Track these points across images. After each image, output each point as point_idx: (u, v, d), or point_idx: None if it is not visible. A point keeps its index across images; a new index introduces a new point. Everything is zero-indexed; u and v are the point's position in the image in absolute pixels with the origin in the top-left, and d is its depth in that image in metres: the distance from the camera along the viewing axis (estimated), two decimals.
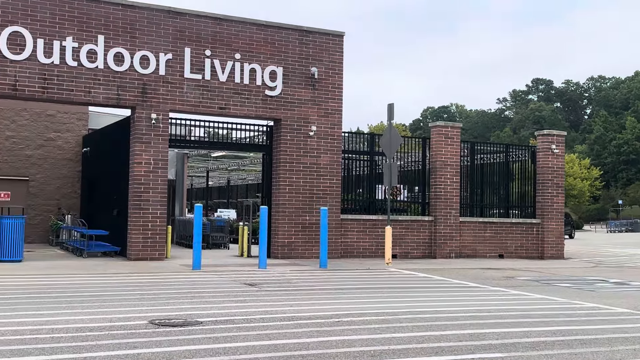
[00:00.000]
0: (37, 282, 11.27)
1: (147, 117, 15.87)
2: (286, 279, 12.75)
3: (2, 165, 21.22)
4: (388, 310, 9.02)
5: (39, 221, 21.84)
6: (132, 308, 8.76)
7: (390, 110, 16.68)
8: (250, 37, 17.04)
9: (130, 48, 15.69)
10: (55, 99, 15.22)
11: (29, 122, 21.85)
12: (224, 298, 9.89)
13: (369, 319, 8.33)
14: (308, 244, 17.59)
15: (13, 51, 14.53)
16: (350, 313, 8.73)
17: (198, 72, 16.43)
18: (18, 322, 7.50)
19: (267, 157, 18.27)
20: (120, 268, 13.97)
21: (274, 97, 17.32)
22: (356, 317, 8.39)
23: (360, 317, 8.45)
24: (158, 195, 16.01)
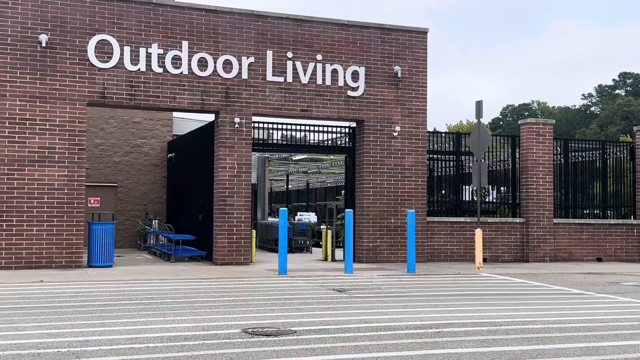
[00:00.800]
0: (129, 288, 11.33)
1: (231, 121, 15.85)
2: (375, 285, 12.33)
3: (92, 172, 21.83)
4: (490, 320, 8.45)
5: (127, 226, 22.35)
6: (223, 315, 8.57)
7: (478, 107, 15.98)
8: (332, 38, 16.75)
9: (214, 53, 15.71)
10: (142, 105, 15.42)
11: (117, 129, 22.40)
12: (314, 305, 9.58)
13: (472, 329, 7.80)
14: (393, 247, 17.11)
15: (101, 59, 14.81)
16: (450, 322, 8.22)
17: (280, 75, 16.28)
18: (113, 330, 7.44)
19: (350, 159, 17.92)
20: (208, 273, 13.95)
21: (356, 97, 16.96)
22: (458, 328, 7.88)
23: (462, 327, 7.93)
24: (242, 200, 15.95)
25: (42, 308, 8.94)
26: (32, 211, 14.25)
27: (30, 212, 14.23)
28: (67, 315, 8.35)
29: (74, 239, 14.52)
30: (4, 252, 13.98)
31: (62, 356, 6.14)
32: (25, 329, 7.43)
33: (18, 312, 8.54)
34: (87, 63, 14.73)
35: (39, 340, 6.76)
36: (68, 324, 7.75)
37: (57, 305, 9.23)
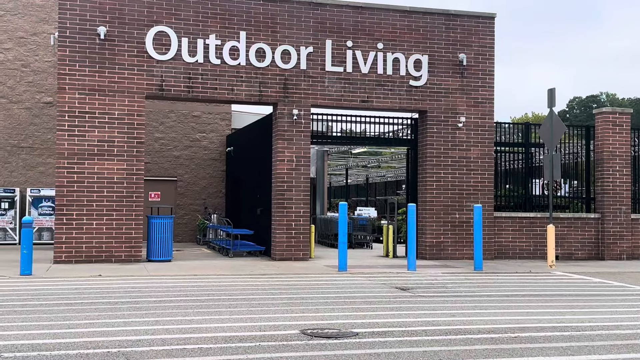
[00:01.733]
0: (186, 284, 11.06)
1: (289, 113, 15.44)
2: (440, 283, 11.68)
3: (152, 166, 21.87)
4: (570, 324, 7.71)
5: (187, 220, 22.32)
6: (281, 315, 8.13)
7: (551, 95, 15.04)
8: (394, 25, 16.10)
9: (272, 43, 15.32)
10: (200, 97, 15.18)
11: (176, 123, 22.37)
12: (376, 305, 9.03)
13: (551, 334, 7.09)
14: (458, 243, 16.36)
15: (159, 51, 14.63)
16: (526, 326, 7.53)
17: (339, 65, 15.75)
18: (166, 329, 7.09)
19: (412, 152, 17.25)
20: (266, 269, 13.59)
21: (419, 87, 16.26)
22: (535, 332, 7.19)
23: (540, 331, 7.24)
24: (301, 194, 15.53)
25: (97, 304, 8.72)
26: (92, 205, 14.22)
27: (90, 206, 14.20)
28: (121, 312, 8.08)
29: (133, 233, 14.42)
30: (64, 246, 13.99)
31: (111, 357, 5.81)
32: (78, 326, 7.17)
33: (73, 308, 8.33)
34: (145, 55, 14.58)
35: (90, 339, 6.47)
36: (121, 322, 7.46)
37: (113, 301, 9.00)
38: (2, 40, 20.42)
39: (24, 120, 20.58)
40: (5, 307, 8.34)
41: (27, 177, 20.58)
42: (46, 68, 20.66)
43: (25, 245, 11.75)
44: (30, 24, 20.62)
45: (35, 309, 8.22)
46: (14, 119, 20.51)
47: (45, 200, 19.77)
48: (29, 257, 11.78)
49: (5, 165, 20.44)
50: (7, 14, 20.47)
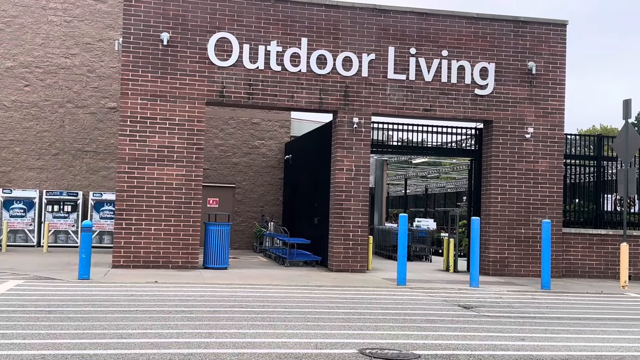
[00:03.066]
0: (241, 294, 10.84)
1: (349, 121, 15.12)
2: (505, 302, 11.08)
3: (211, 173, 21.93)
4: None
5: (244, 227, 22.26)
6: (338, 331, 7.78)
7: (626, 107, 14.22)
8: (459, 32, 15.59)
9: (333, 50, 15.05)
10: (260, 104, 15.03)
11: (236, 130, 22.38)
12: (438, 324, 8.56)
13: None
14: (524, 260, 15.64)
15: (220, 57, 14.57)
16: (604, 355, 6.94)
17: (402, 72, 15.34)
18: (219, 342, 6.84)
19: (476, 163, 16.64)
20: (322, 280, 13.26)
21: (485, 96, 15.68)
22: None
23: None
24: (359, 204, 15.16)
25: (151, 312, 8.58)
26: (151, 210, 14.23)
27: (148, 211, 14.21)
28: (175, 322, 7.89)
29: (190, 239, 14.36)
30: (122, 251, 14.04)
31: None
32: (130, 336, 7.00)
33: (127, 316, 8.20)
34: (206, 61, 14.54)
35: (141, 352, 6.27)
36: (174, 333, 7.26)
37: (167, 309, 8.84)
38: (69, 46, 20.90)
39: (88, 125, 20.97)
40: (60, 313, 8.28)
41: (90, 180, 20.94)
42: (111, 74, 21.02)
43: (84, 250, 11.79)
44: (97, 30, 21.04)
45: (90, 316, 8.13)
46: (79, 124, 20.92)
47: (106, 204, 20.05)
48: (87, 261, 11.81)
49: (70, 169, 20.86)
50: (74, 20, 20.94)
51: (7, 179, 20.44)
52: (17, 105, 20.58)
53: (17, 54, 20.61)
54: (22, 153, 20.60)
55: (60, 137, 20.81)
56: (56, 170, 20.77)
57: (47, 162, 20.73)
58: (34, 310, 8.37)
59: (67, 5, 20.91)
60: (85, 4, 21.01)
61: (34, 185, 20.52)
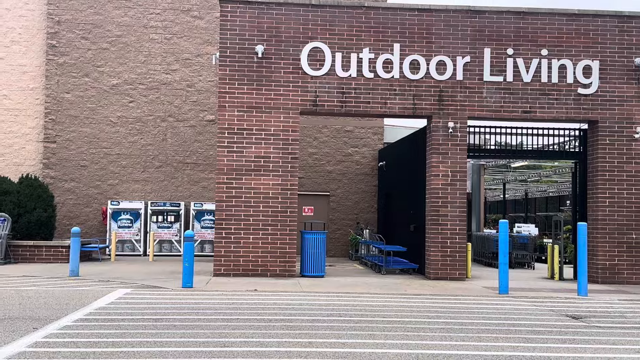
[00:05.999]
0: (339, 302, 10.83)
1: (444, 126, 14.82)
2: (617, 312, 10.46)
3: (306, 181, 22.15)
4: None
5: (339, 235, 22.31)
6: (438, 342, 7.58)
7: None
8: (559, 30, 14.95)
9: (426, 54, 14.83)
10: (353, 112, 15.03)
11: (329, 138, 22.51)
12: (546, 335, 8.18)
13: None
14: (635, 267, 14.75)
15: (313, 67, 14.70)
16: None
17: (499, 74, 14.89)
18: (319, 352, 6.83)
19: (580, 166, 15.87)
20: (420, 289, 13.03)
21: (588, 95, 14.94)
22: None
23: None
24: (457, 210, 14.81)
25: (252, 320, 8.71)
26: (249, 219, 14.51)
27: (247, 220, 14.51)
28: (275, 331, 7.97)
29: (287, 247, 14.53)
30: (223, 260, 14.40)
31: None
32: (232, 344, 7.13)
33: (229, 324, 8.37)
34: (300, 72, 14.71)
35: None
36: (275, 342, 7.33)
37: (267, 318, 8.95)
38: (170, 62, 21.77)
39: (188, 138, 21.74)
40: (166, 321, 8.56)
41: (191, 191, 21.68)
42: (209, 87, 21.71)
43: (186, 259, 12.18)
44: (195, 45, 21.81)
45: (194, 324, 8.35)
46: (180, 137, 21.73)
47: (207, 214, 20.67)
48: (190, 270, 12.19)
49: (172, 181, 21.69)
50: (174, 37, 21.80)
51: (114, 192, 21.52)
52: (123, 120, 21.65)
53: (122, 72, 21.69)
54: (128, 166, 21.63)
55: (162, 150, 21.70)
56: (159, 182, 21.66)
57: (151, 175, 21.65)
58: (141, 319, 8.71)
59: (167, 23, 21.81)
60: (184, 21, 21.84)
61: (139, 197, 21.49)
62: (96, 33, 21.68)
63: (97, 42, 21.67)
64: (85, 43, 21.64)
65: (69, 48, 21.62)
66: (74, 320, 8.46)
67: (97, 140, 21.56)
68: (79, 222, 21.13)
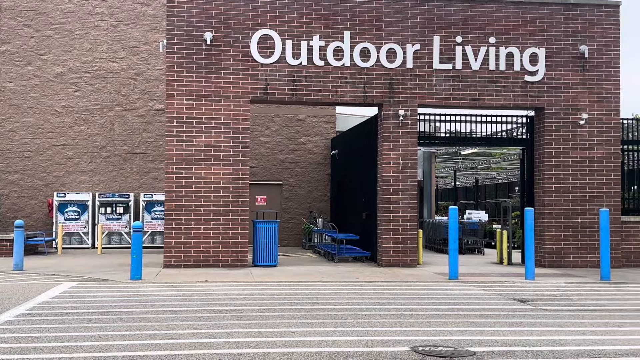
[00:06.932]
0: (290, 291, 10.77)
1: (395, 114, 14.87)
2: (563, 295, 10.70)
3: (259, 171, 21.99)
4: None
5: (292, 224, 22.25)
6: (389, 328, 7.61)
7: None
8: (507, 18, 15.15)
9: (377, 42, 14.83)
10: (304, 100, 14.93)
11: (281, 127, 22.37)
12: (494, 319, 8.30)
13: None
14: (581, 250, 15.12)
15: (263, 54, 14.53)
16: None
17: (448, 62, 15.01)
18: (269, 342, 6.76)
19: (527, 152, 16.17)
20: (372, 276, 13.09)
21: (535, 83, 15.20)
22: None
23: None
24: (408, 197, 14.91)
25: (201, 312, 8.58)
26: (199, 210, 14.31)
27: (197, 210, 14.30)
28: (224, 322, 7.86)
29: (239, 237, 14.38)
30: (173, 251, 14.16)
31: None
32: (180, 336, 6.99)
33: (178, 317, 8.22)
34: (250, 59, 14.52)
35: (191, 352, 6.24)
36: (224, 332, 7.22)
37: (217, 309, 8.83)
38: (117, 50, 21.24)
39: (137, 127, 21.29)
40: (113, 314, 8.35)
41: (140, 182, 21.26)
42: (158, 76, 21.28)
43: (135, 250, 11.92)
44: (142, 33, 21.32)
45: (141, 317, 8.17)
46: (128, 127, 21.26)
47: (157, 205, 20.31)
48: (138, 262, 11.94)
49: (121, 171, 21.22)
50: (120, 24, 21.27)
51: (61, 183, 20.93)
52: (68, 110, 21.04)
53: (66, 60, 21.06)
54: (74, 157, 21.06)
55: (110, 141, 21.19)
56: (108, 173, 21.16)
57: (98, 165, 21.14)
58: (86, 312, 8.47)
59: (113, 10, 21.25)
60: (131, 8, 21.31)
61: (86, 189, 20.96)
62: (39, 20, 20.97)
63: (41, 30, 20.97)
64: (28, 30, 20.92)
65: (11, 36, 20.87)
66: (16, 315, 8.18)
67: (41, 130, 20.91)
68: (24, 214, 20.50)
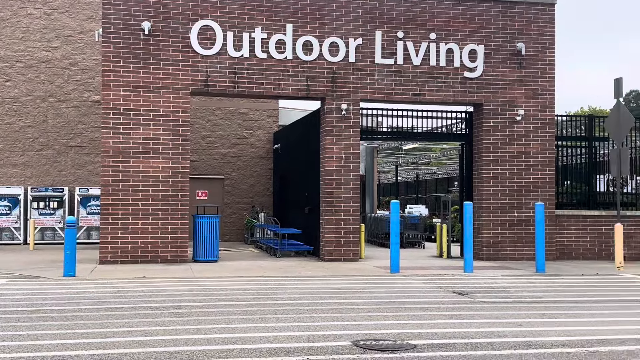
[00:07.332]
0: (231, 286, 10.60)
1: (337, 107, 14.85)
2: (501, 287, 10.90)
3: (200, 165, 21.62)
4: None
5: (234, 219, 21.99)
6: (331, 322, 7.55)
7: (617, 85, 14.03)
8: (447, 14, 15.32)
9: (319, 35, 14.75)
10: (246, 93, 14.73)
11: (223, 120, 22.05)
12: (434, 312, 8.36)
13: (635, 348, 6.30)
14: (517, 243, 15.48)
15: (204, 46, 14.24)
16: (605, 339, 6.75)
17: (390, 57, 15.07)
18: (208, 339, 6.59)
19: (467, 147, 16.43)
20: (314, 270, 13.04)
21: (474, 79, 15.44)
22: (616, 346, 6.41)
23: (621, 345, 6.45)
24: (350, 192, 14.93)
25: (138, 309, 8.31)
26: (137, 204, 13.93)
27: (135, 205, 13.92)
28: (162, 319, 7.64)
29: (178, 232, 14.08)
30: (109, 247, 13.75)
31: None
32: (115, 334, 6.74)
33: (113, 314, 7.94)
34: (190, 50, 14.21)
35: (126, 351, 6.01)
36: (161, 330, 7.01)
37: (155, 305, 8.58)
38: (50, 38, 20.46)
39: (72, 119, 20.58)
40: (43, 313, 8.00)
41: (75, 176, 20.58)
42: (94, 66, 20.61)
43: (68, 246, 11.50)
44: (78, 21, 20.60)
45: (74, 315, 7.86)
46: (62, 118, 20.53)
47: (93, 200, 19.70)
48: (72, 258, 11.52)
49: (55, 165, 20.48)
50: (54, 12, 20.49)
51: None
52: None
53: None
54: (5, 149, 20.20)
55: (43, 133, 20.41)
56: (41, 166, 20.39)
57: (31, 158, 20.34)
58: (15, 311, 8.09)
59: None
60: None
61: (18, 182, 20.13)
62: None
63: None
64: None
65: None
66: None
67: None
68: None
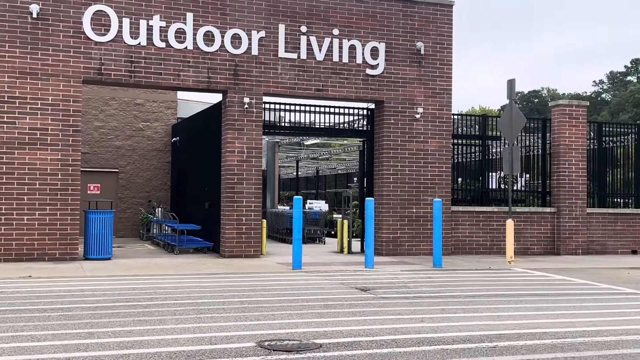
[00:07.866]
0: (126, 286, 10.08)
1: (240, 101, 14.54)
2: (401, 282, 11.05)
3: (92, 157, 20.60)
4: (548, 330, 7.16)
5: (129, 215, 21.13)
6: (233, 323, 7.31)
7: (510, 86, 14.60)
8: (350, 11, 15.37)
9: (221, 26, 14.37)
10: (143, 83, 14.11)
11: (117, 111, 21.11)
12: (337, 309, 8.30)
13: (532, 343, 6.50)
14: (415, 239, 15.82)
15: (97, 32, 13.49)
16: (503, 334, 6.93)
17: (293, 51, 14.93)
18: (101, 343, 6.17)
19: (368, 144, 16.60)
20: (215, 267, 12.70)
21: (376, 76, 15.60)
22: (514, 341, 6.59)
23: (519, 339, 6.64)
24: (252, 187, 14.68)
25: (23, 311, 7.70)
26: (23, 198, 13.01)
27: (20, 199, 12.99)
28: (50, 322, 7.10)
29: (68, 228, 13.29)
30: None
31: None
32: None
33: None
34: (82, 36, 13.42)
35: (8, 358, 5.50)
36: (50, 334, 6.50)
37: (42, 307, 7.99)
38: None
39: None
40: None
41: None
42: None
43: None
44: None
45: None
46: None
47: None
48: None
49: None
50: None
51: None
52: None
53: None
54: None
55: None
56: None
57: None
58: None
59: None
60: None
61: None
62: None
63: None
64: None
65: None
66: None
67: None
68: None
